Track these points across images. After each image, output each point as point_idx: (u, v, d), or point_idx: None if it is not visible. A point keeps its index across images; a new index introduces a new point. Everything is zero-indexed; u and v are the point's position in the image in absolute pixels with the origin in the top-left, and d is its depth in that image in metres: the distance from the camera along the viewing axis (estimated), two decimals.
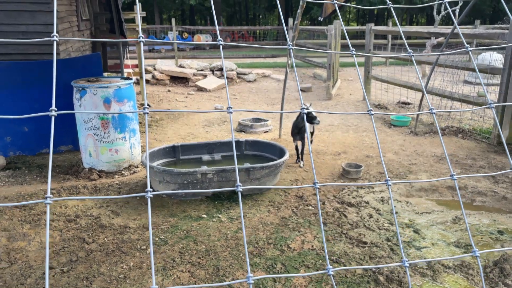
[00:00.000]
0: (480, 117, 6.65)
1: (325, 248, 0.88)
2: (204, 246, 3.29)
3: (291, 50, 1.18)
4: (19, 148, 5.34)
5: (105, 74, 7.23)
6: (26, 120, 5.21)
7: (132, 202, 4.05)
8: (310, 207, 4.01)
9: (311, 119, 4.84)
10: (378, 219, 3.77)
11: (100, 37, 8.66)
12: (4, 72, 5.07)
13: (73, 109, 5.04)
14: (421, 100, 6.56)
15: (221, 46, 1.12)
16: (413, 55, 1.31)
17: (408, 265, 0.83)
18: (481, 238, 3.47)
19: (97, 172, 4.69)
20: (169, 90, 10.30)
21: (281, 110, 6.13)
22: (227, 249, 3.26)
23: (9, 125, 5.24)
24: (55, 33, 0.92)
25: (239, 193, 1.02)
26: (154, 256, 3.15)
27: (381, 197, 4.24)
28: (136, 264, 3.04)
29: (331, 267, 0.90)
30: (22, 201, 3.95)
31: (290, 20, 13.89)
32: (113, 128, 4.67)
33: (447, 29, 8.82)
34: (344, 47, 17.04)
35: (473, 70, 6.00)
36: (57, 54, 5.59)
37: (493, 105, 1.12)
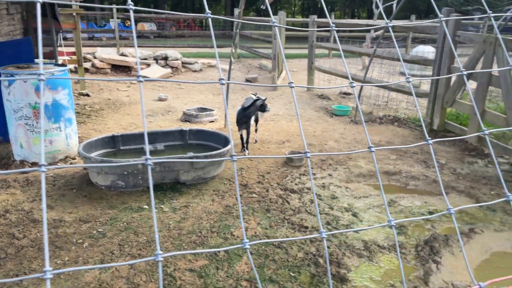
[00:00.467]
0: (414, 106, 7.03)
1: (241, 221, 0.88)
2: (145, 238, 3.21)
3: (236, 40, 1.15)
4: None
5: (37, 61, 6.77)
6: None
7: (68, 195, 3.85)
8: (254, 195, 4.04)
9: (263, 107, 5.00)
10: (319, 204, 3.88)
11: (33, 21, 8.09)
12: None
13: (1, 98, 4.69)
14: (360, 90, 6.81)
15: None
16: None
17: (325, 236, 0.85)
18: (412, 217, 3.68)
19: (30, 165, 4.41)
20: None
21: (226, 100, 6.10)
22: (169, 239, 3.20)
23: None
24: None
25: (149, 167, 0.98)
26: (91, 249, 3.02)
27: (322, 183, 4.37)
28: (71, 259, 2.90)
29: (247, 241, 0.90)
30: None
31: (236, 10, 13.82)
32: (46, 118, 4.40)
33: (383, 21, 9.20)
34: (289, 38, 17.25)
35: (409, 61, 6.33)
36: None
37: (411, 79, 1.17)
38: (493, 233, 3.43)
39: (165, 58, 11.02)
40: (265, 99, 5.14)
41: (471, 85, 6.48)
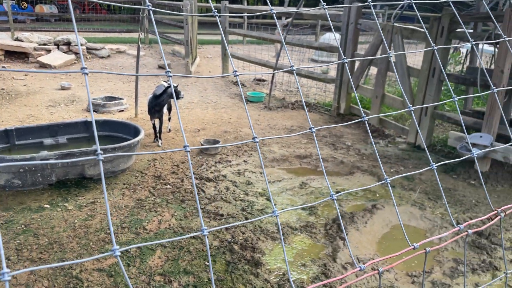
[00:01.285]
0: (324, 92, 7.36)
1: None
2: (46, 239, 2.95)
3: (145, 25, 1.05)
4: None
5: None
6: None
7: None
8: (168, 186, 3.92)
9: (177, 94, 4.87)
10: (234, 191, 3.90)
11: None
12: None
13: None
14: (273, 77, 6.94)
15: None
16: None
17: (207, 233, 0.82)
18: (323, 199, 3.87)
19: None
20: (3, 67, 8.88)
21: (136, 88, 5.82)
22: (74, 239, 2.98)
23: None
24: None
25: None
26: None
27: (238, 170, 4.39)
28: None
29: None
30: None
31: None
32: None
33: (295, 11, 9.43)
34: (201, 24, 16.98)
35: (317, 48, 6.57)
36: None
37: (294, 68, 1.18)
38: (392, 207, 3.73)
39: (68, 44, 10.18)
40: (177, 86, 5.01)
41: (373, 70, 6.94)
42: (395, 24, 5.21)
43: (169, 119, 5.46)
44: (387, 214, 3.63)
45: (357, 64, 6.11)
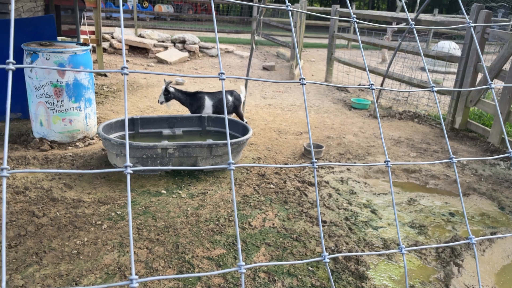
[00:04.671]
0: (435, 103, 6.88)
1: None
2: (163, 223, 3.20)
3: (258, 27, 1.10)
4: None
5: (59, 38, 6.76)
6: None
7: (86, 175, 3.85)
8: (272, 185, 4.00)
9: (235, 97, 5.18)
10: (337, 199, 3.83)
11: None
12: None
13: (22, 75, 4.68)
14: (382, 84, 6.69)
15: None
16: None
17: (328, 260, 0.80)
18: (434, 219, 3.62)
19: (49, 143, 4.42)
20: (127, 61, 9.86)
21: (246, 87, 6.04)
22: (187, 225, 3.19)
23: None
24: None
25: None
26: (110, 231, 3.03)
27: (341, 177, 4.31)
28: (90, 240, 2.90)
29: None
30: None
31: None
32: (67, 97, 4.39)
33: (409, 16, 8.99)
34: (309, 27, 17.03)
35: (433, 57, 6.18)
36: (6, 13, 5.13)
37: (435, 89, 1.11)
38: None
39: (183, 42, 10.94)
40: (169, 83, 4.96)
41: (498, 84, 6.31)
42: None
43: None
44: (508, 245, 3.27)
45: (479, 76, 5.61)
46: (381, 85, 6.68)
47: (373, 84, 1.23)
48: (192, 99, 5.00)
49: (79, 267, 2.61)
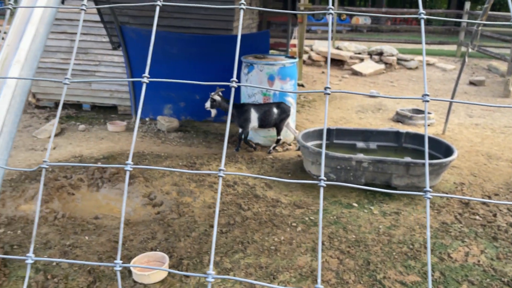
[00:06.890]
0: None
1: None
2: (353, 236, 3.19)
3: (475, 39, 0.95)
4: (190, 113, 5.96)
5: (270, 51, 7.51)
6: (198, 90, 5.75)
7: (284, 178, 4.15)
8: (478, 217, 3.53)
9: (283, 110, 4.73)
10: None
11: (268, 16, 9.00)
12: (185, 44, 5.64)
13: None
14: None
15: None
16: None
17: None
18: None
19: (253, 144, 4.95)
20: (323, 72, 10.24)
21: (449, 104, 5.51)
22: (378, 244, 3.09)
23: (183, 93, 5.86)
24: (242, 0, 0.91)
25: (427, 201, 0.85)
26: (304, 235, 3.18)
27: None
28: (286, 239, 3.11)
29: None
30: (190, 161, 4.41)
31: (467, 4, 12.31)
32: None
33: None
34: None
35: None
36: (230, 30, 5.98)
37: None
38: None
39: (380, 54, 10.73)
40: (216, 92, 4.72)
41: None
42: None
43: (277, 141, 4.88)
44: None
45: None
46: None
47: None
48: (239, 111, 4.76)
49: (276, 263, 2.83)
